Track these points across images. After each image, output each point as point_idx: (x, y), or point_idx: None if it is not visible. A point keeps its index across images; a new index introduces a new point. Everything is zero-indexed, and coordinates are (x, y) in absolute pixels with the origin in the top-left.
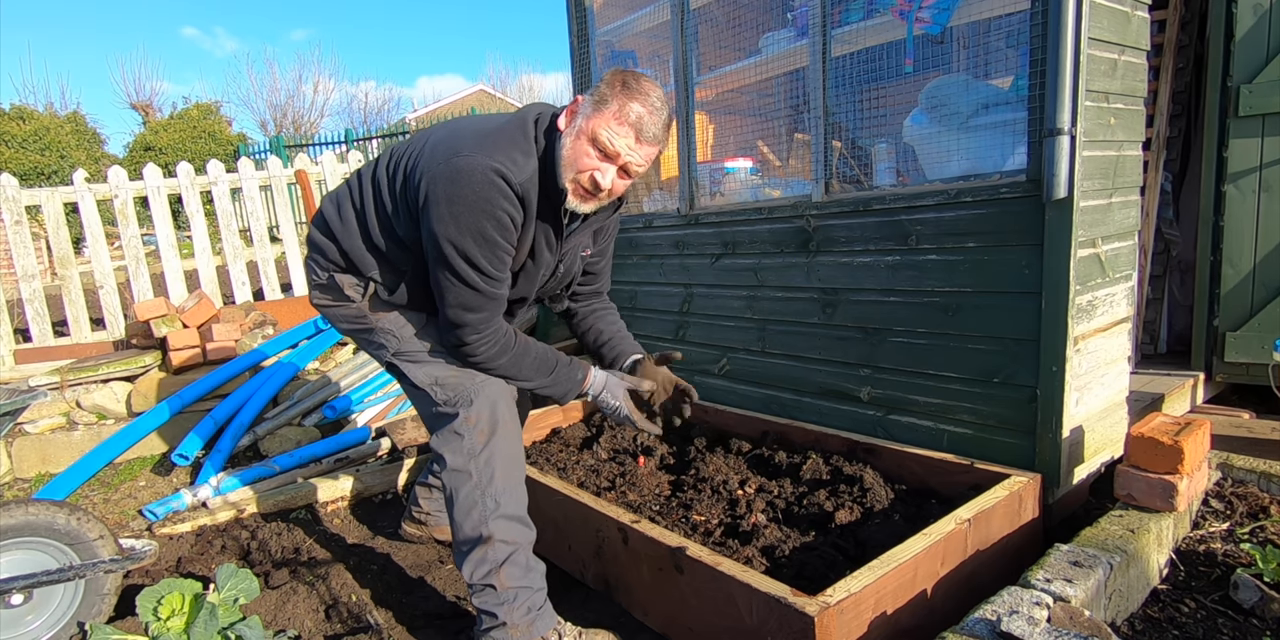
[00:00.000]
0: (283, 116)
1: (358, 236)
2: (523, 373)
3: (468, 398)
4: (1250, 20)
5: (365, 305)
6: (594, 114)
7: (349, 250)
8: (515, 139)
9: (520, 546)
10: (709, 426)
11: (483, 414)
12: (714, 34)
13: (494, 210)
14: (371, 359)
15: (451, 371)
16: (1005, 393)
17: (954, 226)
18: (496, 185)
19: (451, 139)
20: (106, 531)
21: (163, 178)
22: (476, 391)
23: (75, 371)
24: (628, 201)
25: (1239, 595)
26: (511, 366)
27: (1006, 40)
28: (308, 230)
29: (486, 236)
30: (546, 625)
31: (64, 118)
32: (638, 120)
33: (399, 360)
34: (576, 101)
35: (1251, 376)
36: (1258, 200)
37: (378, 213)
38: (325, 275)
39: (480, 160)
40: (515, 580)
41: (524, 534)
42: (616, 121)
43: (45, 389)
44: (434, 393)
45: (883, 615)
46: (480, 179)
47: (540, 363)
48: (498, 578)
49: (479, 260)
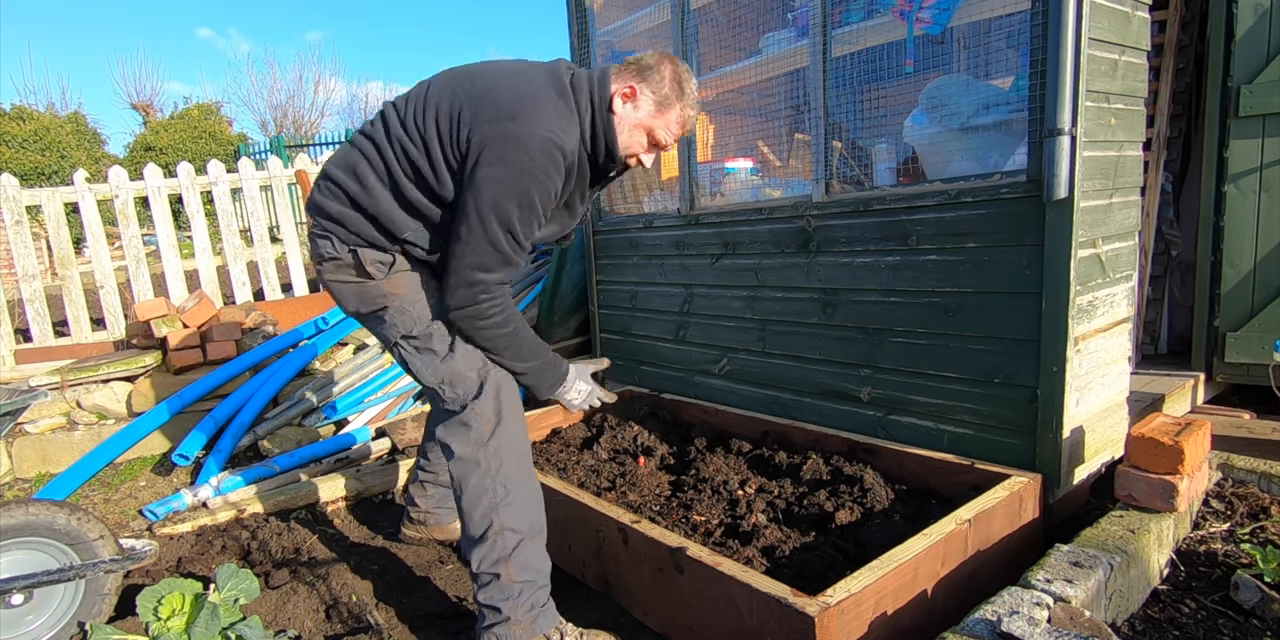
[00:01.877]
0: (283, 116)
1: (389, 200)
2: (521, 351)
3: (473, 390)
4: (1250, 20)
5: (385, 284)
6: (656, 113)
7: (380, 214)
8: (559, 108)
9: (529, 537)
10: (709, 426)
11: (489, 404)
12: (714, 34)
13: (544, 179)
14: (371, 360)
15: (457, 368)
16: (1006, 393)
17: (954, 227)
18: (552, 156)
19: (499, 99)
20: (107, 531)
21: (163, 178)
22: (483, 382)
23: (75, 371)
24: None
25: (1239, 596)
26: (513, 339)
27: (1007, 40)
28: (317, 202)
29: (530, 202)
30: (549, 623)
31: (64, 118)
32: (687, 121)
33: (406, 345)
34: (632, 91)
35: (1252, 377)
36: (1258, 200)
37: (413, 171)
38: (345, 250)
39: (539, 130)
40: (522, 573)
41: (534, 523)
42: (677, 124)
43: (45, 389)
44: (441, 391)
45: (883, 615)
46: (538, 148)
47: (537, 346)
48: (505, 568)
49: (515, 225)
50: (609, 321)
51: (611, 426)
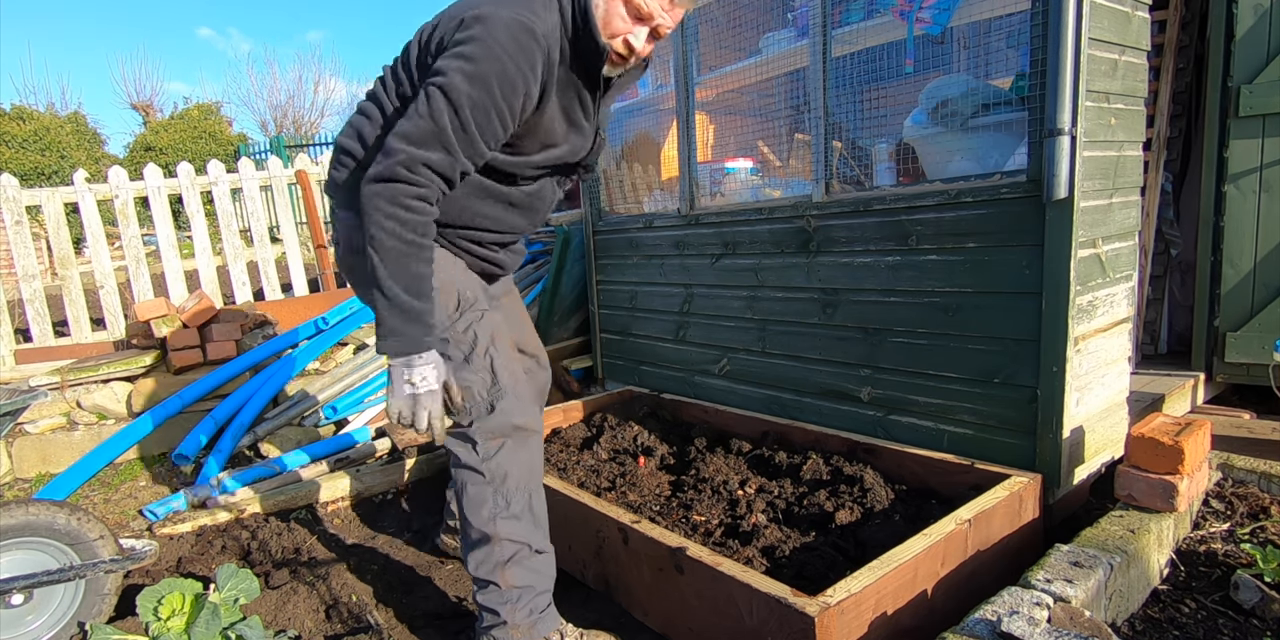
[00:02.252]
0: (283, 116)
1: None
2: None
3: (483, 409)
4: (1250, 20)
5: None
6: None
7: None
8: None
9: (526, 547)
10: (709, 426)
11: (499, 422)
12: (714, 34)
13: (508, 63)
14: (371, 360)
15: (468, 378)
16: (1005, 393)
17: (954, 227)
18: (519, 40)
19: (466, 3)
20: (107, 531)
21: (163, 178)
22: (494, 403)
23: (75, 371)
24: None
25: (1239, 596)
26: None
27: (1007, 40)
28: (330, 177)
29: (487, 85)
30: (549, 626)
31: (64, 118)
32: None
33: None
34: None
35: (1252, 377)
36: (1258, 200)
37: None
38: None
39: (504, 13)
40: (519, 579)
41: (533, 535)
42: None
43: (45, 389)
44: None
45: (883, 615)
46: (503, 29)
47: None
48: (501, 576)
49: (463, 104)
50: (609, 321)
51: (611, 426)
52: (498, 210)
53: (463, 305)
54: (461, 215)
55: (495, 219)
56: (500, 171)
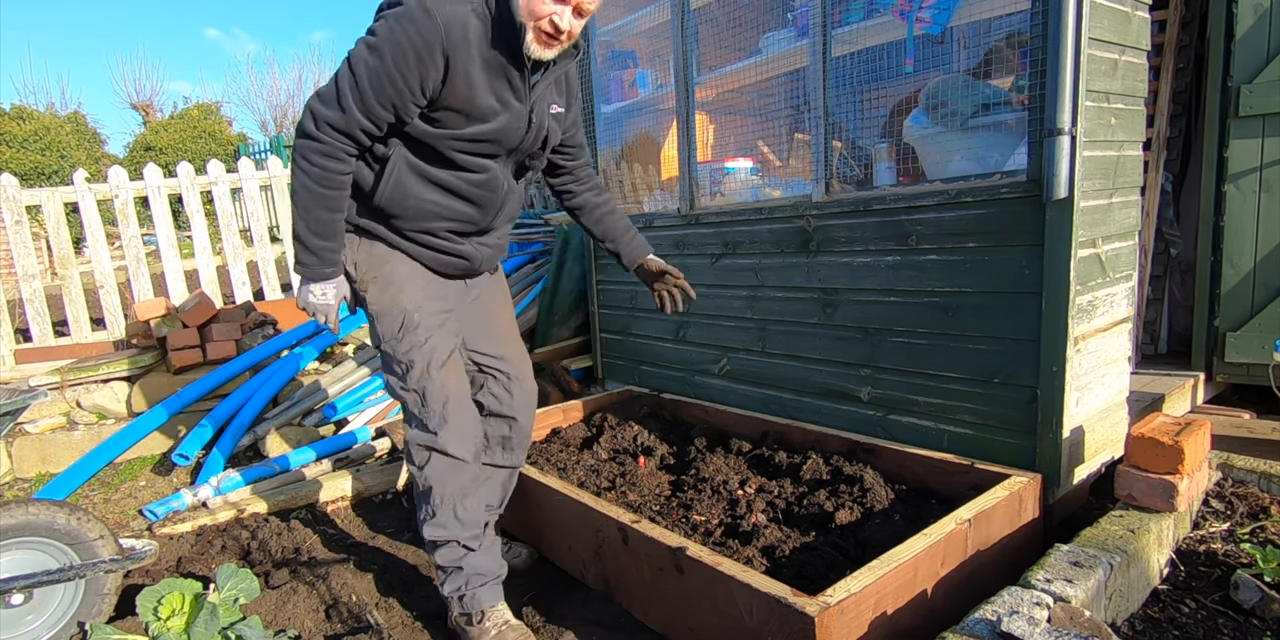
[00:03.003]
0: (283, 116)
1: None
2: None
3: (418, 421)
4: (1250, 20)
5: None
6: None
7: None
8: None
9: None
10: (709, 426)
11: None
12: (714, 34)
13: (403, 31)
14: (371, 359)
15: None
16: (1005, 393)
17: (954, 226)
18: (414, 16)
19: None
20: (107, 531)
21: (163, 178)
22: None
23: (75, 371)
24: (583, 50)
25: (1239, 595)
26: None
27: (1007, 40)
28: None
29: (380, 53)
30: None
31: (64, 118)
32: None
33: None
34: None
35: (1252, 377)
36: (1258, 200)
37: None
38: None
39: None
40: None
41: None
42: None
43: (45, 389)
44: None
45: (883, 615)
46: (405, 11)
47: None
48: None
49: (360, 68)
50: (609, 321)
51: (611, 426)
52: (440, 196)
53: (405, 328)
54: (408, 205)
55: (442, 206)
56: (432, 149)
